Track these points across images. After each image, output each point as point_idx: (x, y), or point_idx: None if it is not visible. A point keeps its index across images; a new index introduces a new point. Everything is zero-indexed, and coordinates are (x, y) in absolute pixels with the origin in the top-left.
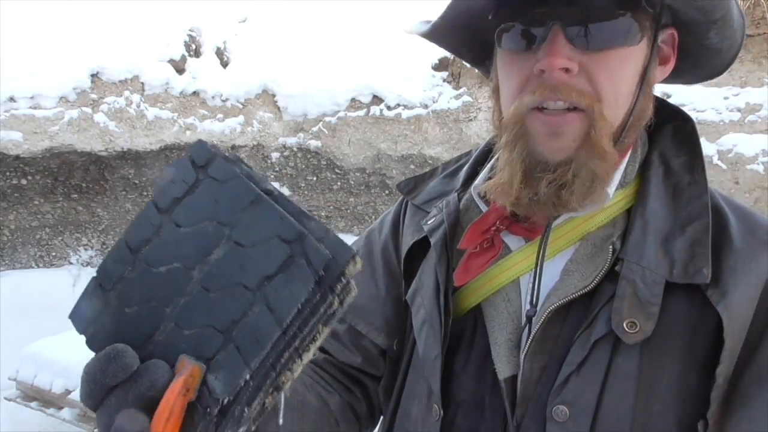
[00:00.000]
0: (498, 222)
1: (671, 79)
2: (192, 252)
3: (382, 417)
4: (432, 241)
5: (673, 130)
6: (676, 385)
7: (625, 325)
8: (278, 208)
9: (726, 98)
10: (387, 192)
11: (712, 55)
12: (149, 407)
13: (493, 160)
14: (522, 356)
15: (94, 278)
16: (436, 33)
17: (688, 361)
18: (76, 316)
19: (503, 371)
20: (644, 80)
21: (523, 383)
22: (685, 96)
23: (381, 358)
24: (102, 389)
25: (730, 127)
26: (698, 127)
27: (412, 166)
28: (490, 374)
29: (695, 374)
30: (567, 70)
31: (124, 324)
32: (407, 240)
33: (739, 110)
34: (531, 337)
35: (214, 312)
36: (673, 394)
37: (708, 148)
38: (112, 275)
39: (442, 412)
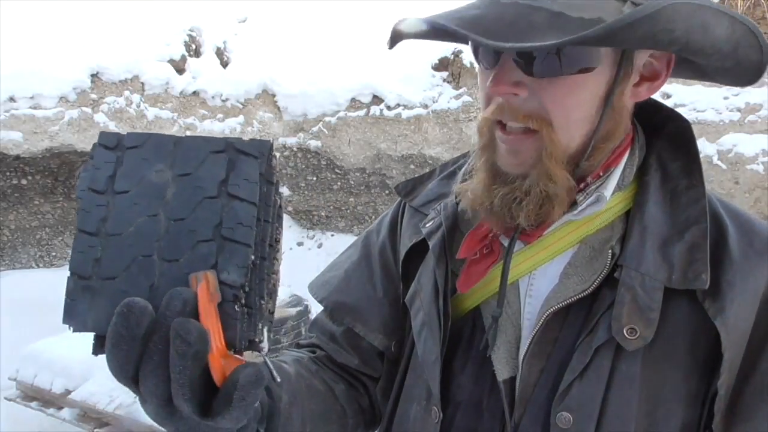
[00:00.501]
0: (494, 228)
1: (705, 78)
2: (148, 202)
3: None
4: (430, 244)
5: (670, 134)
6: (679, 390)
7: (625, 331)
8: (197, 135)
9: (726, 98)
10: (387, 192)
11: (723, 70)
12: None
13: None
14: (521, 358)
15: (69, 276)
16: (434, 33)
17: (690, 366)
18: (69, 318)
19: (502, 373)
20: (608, 103)
21: (521, 385)
22: (686, 96)
23: (378, 360)
24: (135, 342)
25: (730, 127)
26: (698, 127)
27: (412, 166)
28: (489, 376)
29: (696, 379)
30: (515, 94)
31: (119, 293)
32: (405, 242)
33: (739, 110)
34: (530, 340)
35: (196, 230)
36: (676, 399)
37: (708, 148)
38: (85, 264)
39: (441, 414)
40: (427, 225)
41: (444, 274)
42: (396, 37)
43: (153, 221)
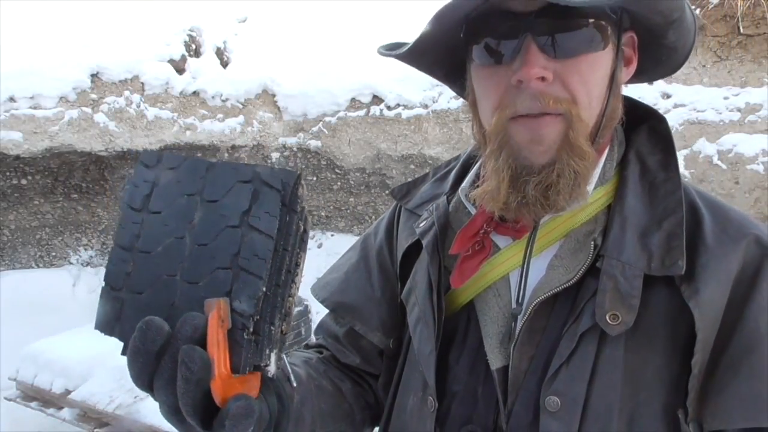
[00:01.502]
0: (485, 225)
1: (633, 78)
2: (177, 224)
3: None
4: (423, 242)
5: (648, 130)
6: (661, 373)
7: (607, 317)
8: (229, 162)
9: (726, 98)
10: (387, 192)
11: (669, 53)
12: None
13: (476, 166)
14: (512, 347)
15: (103, 286)
16: (411, 56)
17: (671, 350)
18: (100, 324)
19: (495, 362)
20: (613, 82)
21: (513, 373)
22: (685, 96)
23: (379, 359)
24: (149, 357)
25: (730, 127)
26: (698, 127)
27: (412, 166)
28: (483, 366)
29: (678, 362)
30: (543, 79)
31: (144, 307)
32: (402, 244)
33: (739, 110)
34: (519, 329)
35: (216, 257)
36: (658, 383)
37: (708, 148)
38: (117, 276)
39: (437, 403)
40: (421, 225)
41: (437, 270)
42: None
43: (179, 243)
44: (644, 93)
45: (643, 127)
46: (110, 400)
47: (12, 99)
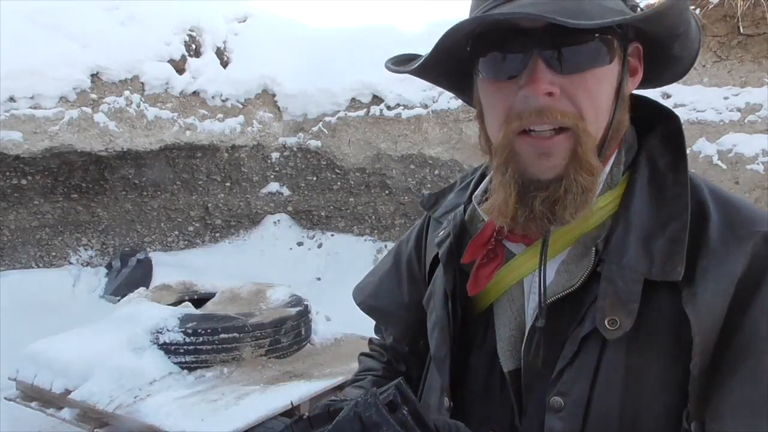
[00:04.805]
0: (495, 233)
1: (639, 85)
2: None
3: None
4: (439, 252)
5: (661, 131)
6: (664, 376)
7: (606, 322)
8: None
9: (726, 98)
10: (387, 192)
11: (675, 61)
12: None
13: (486, 179)
14: (522, 351)
15: None
16: (419, 71)
17: (674, 354)
18: None
19: (507, 364)
20: (619, 95)
21: (525, 374)
22: (686, 96)
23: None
24: None
25: (730, 127)
26: (698, 127)
27: (412, 166)
28: (499, 368)
29: (680, 366)
30: (550, 94)
31: None
32: (429, 252)
33: (739, 110)
34: (527, 333)
35: None
36: (661, 386)
37: (708, 148)
38: None
39: (452, 403)
40: (439, 234)
41: (452, 279)
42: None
43: None
44: (645, 93)
45: (657, 129)
46: (110, 400)
47: (12, 99)
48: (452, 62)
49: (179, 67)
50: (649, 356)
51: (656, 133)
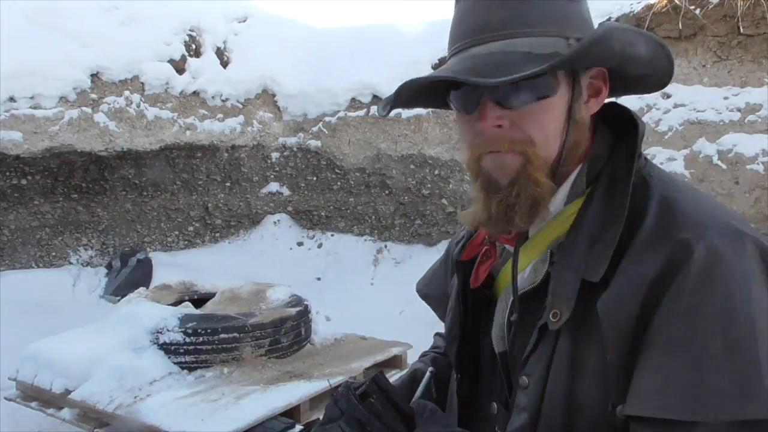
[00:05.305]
0: (488, 235)
1: (627, 92)
2: None
3: None
4: (453, 253)
5: (627, 140)
6: (601, 366)
7: (551, 315)
8: None
9: (726, 98)
10: (387, 192)
11: (644, 77)
12: None
13: None
14: (506, 337)
15: None
16: (400, 105)
17: (606, 345)
18: None
19: (497, 347)
20: (570, 118)
21: (509, 356)
22: (686, 96)
23: None
24: None
25: (730, 127)
26: (698, 127)
27: (412, 166)
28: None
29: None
30: (500, 126)
31: None
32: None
33: (739, 110)
34: (506, 322)
35: None
36: (598, 374)
37: (708, 148)
38: None
39: (459, 376)
40: (460, 235)
41: (461, 277)
42: (394, 102)
43: None
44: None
45: (626, 139)
46: (110, 400)
47: (12, 99)
48: (432, 92)
49: (179, 67)
50: (589, 346)
51: (622, 143)
